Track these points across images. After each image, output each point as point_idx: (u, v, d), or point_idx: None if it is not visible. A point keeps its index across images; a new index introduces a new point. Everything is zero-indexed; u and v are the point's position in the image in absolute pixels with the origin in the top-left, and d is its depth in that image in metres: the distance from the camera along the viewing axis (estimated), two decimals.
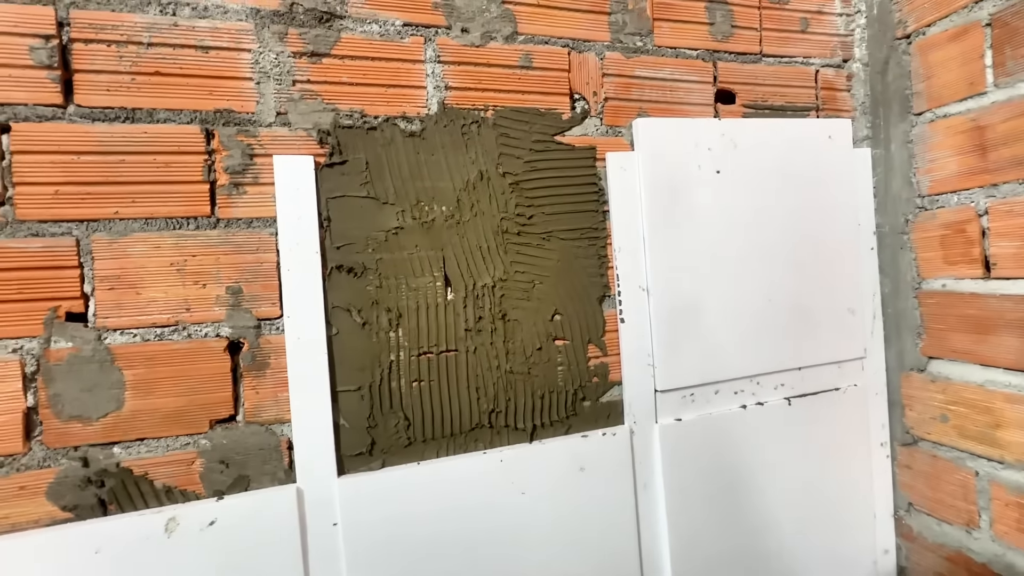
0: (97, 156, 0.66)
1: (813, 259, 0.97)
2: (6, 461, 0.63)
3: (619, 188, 0.86)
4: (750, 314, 0.92)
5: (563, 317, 0.84)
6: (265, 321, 0.72)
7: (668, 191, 0.87)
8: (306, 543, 0.71)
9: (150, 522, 0.66)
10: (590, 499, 0.83)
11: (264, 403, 0.71)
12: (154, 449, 0.68)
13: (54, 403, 0.65)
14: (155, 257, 0.68)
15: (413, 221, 0.77)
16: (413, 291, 0.77)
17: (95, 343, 0.66)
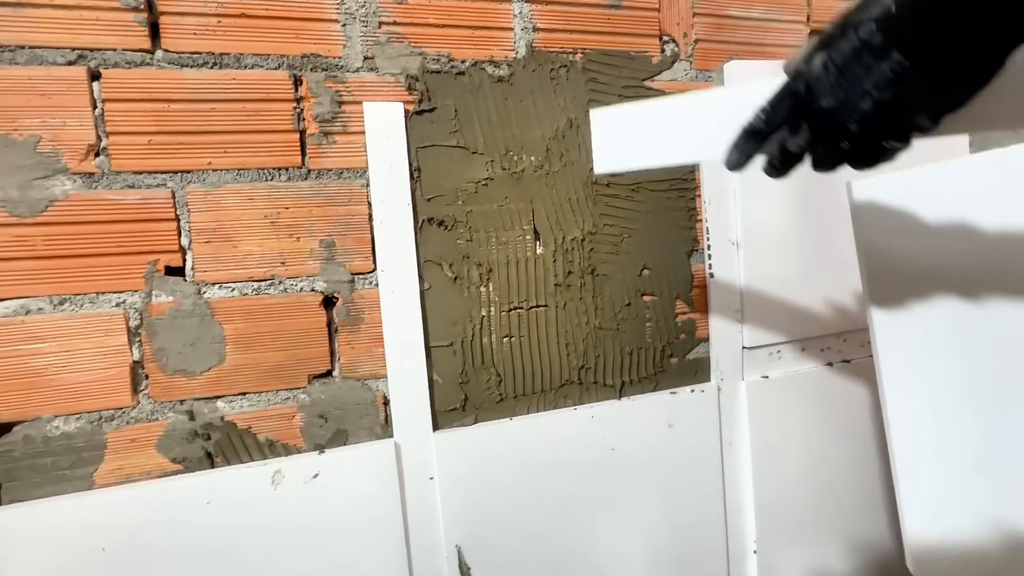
0: (187, 104, 0.64)
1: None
2: (116, 414, 0.64)
3: None
4: (840, 270, 0.89)
5: (651, 272, 0.81)
6: (358, 275, 0.70)
7: None
8: (404, 496, 0.72)
9: (257, 474, 0.66)
10: (677, 455, 0.82)
11: (359, 358, 0.71)
12: (256, 403, 0.68)
13: (159, 357, 0.64)
14: (249, 209, 0.66)
15: (503, 172, 0.74)
16: (503, 245, 0.75)
17: (195, 297, 0.65)
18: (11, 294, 0.60)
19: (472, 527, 0.74)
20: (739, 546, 0.87)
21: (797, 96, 0.35)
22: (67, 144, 0.61)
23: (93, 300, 0.62)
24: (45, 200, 0.60)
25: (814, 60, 0.33)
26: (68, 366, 0.62)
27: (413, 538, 0.72)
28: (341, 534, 0.69)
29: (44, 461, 0.62)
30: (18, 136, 0.59)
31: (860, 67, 0.30)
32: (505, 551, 0.75)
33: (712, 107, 0.45)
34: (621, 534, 0.80)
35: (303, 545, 0.67)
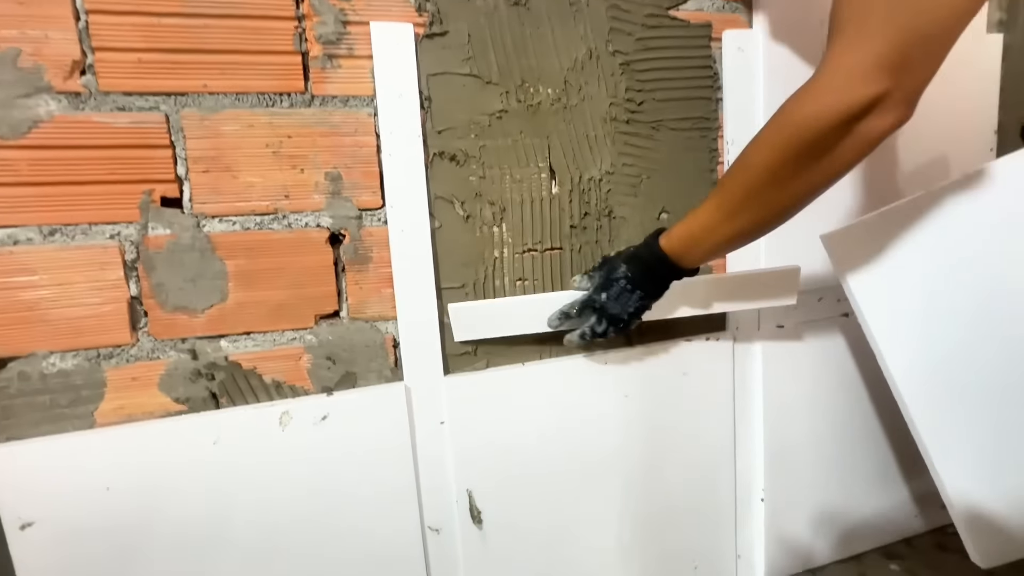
0: (179, 19, 0.58)
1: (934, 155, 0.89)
2: (115, 352, 0.61)
3: (734, 72, 0.77)
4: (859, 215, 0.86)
5: (670, 216, 0.78)
6: (366, 212, 0.67)
7: (788, 76, 0.79)
8: (415, 440, 0.70)
9: (265, 415, 0.64)
10: (690, 403, 0.81)
11: (368, 299, 0.68)
12: (261, 343, 0.65)
13: (158, 293, 0.61)
14: (249, 137, 0.62)
15: (518, 104, 0.70)
16: (517, 183, 0.71)
17: (194, 230, 0.62)
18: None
19: (483, 472, 0.73)
20: (747, 494, 0.87)
21: (594, 307, 0.66)
22: (50, 59, 0.56)
23: (86, 231, 0.59)
24: (28, 121, 0.56)
25: (601, 294, 0.65)
26: (62, 300, 0.59)
27: (423, 482, 0.71)
28: (350, 477, 0.67)
29: (41, 398, 0.59)
30: None
31: (624, 296, 0.63)
32: (516, 496, 0.75)
33: (540, 302, 0.70)
34: (633, 479, 0.80)
35: (312, 487, 0.66)
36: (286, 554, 0.66)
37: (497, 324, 0.71)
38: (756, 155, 0.50)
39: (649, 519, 0.82)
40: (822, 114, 0.44)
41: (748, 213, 0.53)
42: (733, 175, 0.53)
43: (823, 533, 0.92)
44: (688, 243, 0.58)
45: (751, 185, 0.51)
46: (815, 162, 0.47)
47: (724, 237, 0.56)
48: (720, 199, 0.54)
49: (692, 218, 0.58)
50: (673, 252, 0.60)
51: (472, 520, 0.73)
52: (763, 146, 0.49)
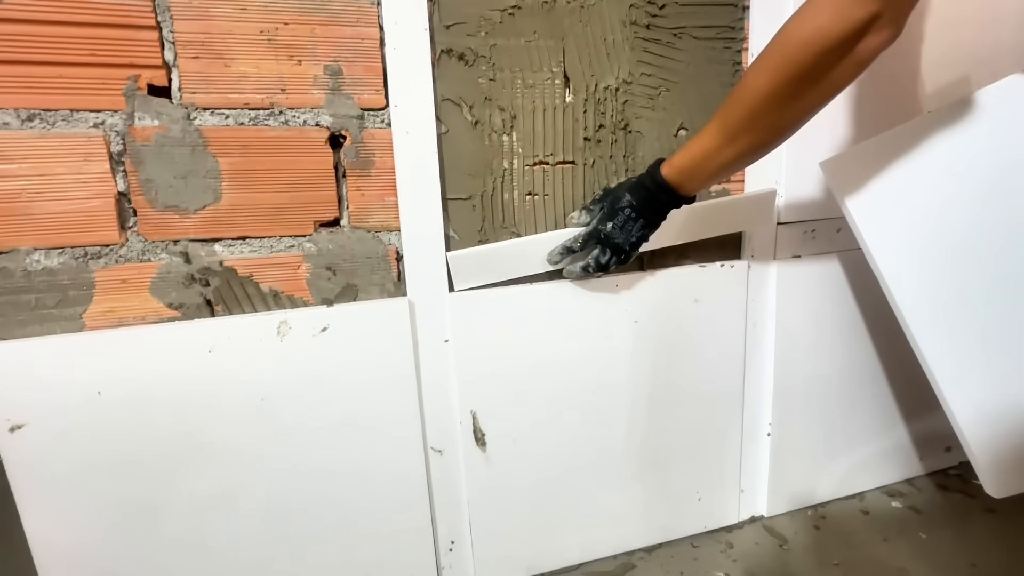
0: None
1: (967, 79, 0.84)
2: (103, 251, 0.58)
3: None
4: None
5: (689, 133, 0.74)
6: (368, 111, 0.62)
7: None
8: (418, 358, 0.68)
9: (262, 322, 0.62)
10: (702, 331, 0.79)
11: (370, 207, 0.64)
12: (257, 249, 0.62)
13: (147, 189, 0.58)
14: (242, 21, 0.57)
15: (532, 0, 0.65)
16: (529, 88, 0.67)
17: (184, 122, 0.57)
18: None
19: (488, 393, 0.71)
20: (753, 427, 0.86)
21: (599, 238, 0.65)
22: None
23: (67, 118, 0.55)
24: None
25: (607, 224, 0.64)
26: (44, 193, 0.55)
27: (427, 402, 0.69)
28: (351, 392, 0.65)
29: (27, 297, 0.56)
30: None
31: (628, 225, 0.63)
32: (521, 419, 0.73)
33: (541, 242, 0.69)
34: (639, 407, 0.78)
35: (311, 399, 0.64)
36: (282, 470, 0.65)
37: (497, 269, 0.69)
38: (758, 78, 0.51)
39: (655, 447, 0.81)
40: (821, 36, 0.47)
41: (749, 135, 0.54)
42: (735, 99, 0.54)
43: (826, 470, 0.92)
44: (690, 169, 0.59)
45: (754, 107, 0.52)
46: (815, 82, 0.50)
47: (726, 160, 0.57)
48: (721, 123, 0.56)
49: (693, 144, 0.58)
50: (674, 179, 0.60)
51: (475, 442, 0.72)
52: (764, 69, 0.51)
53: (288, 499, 0.66)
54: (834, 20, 0.46)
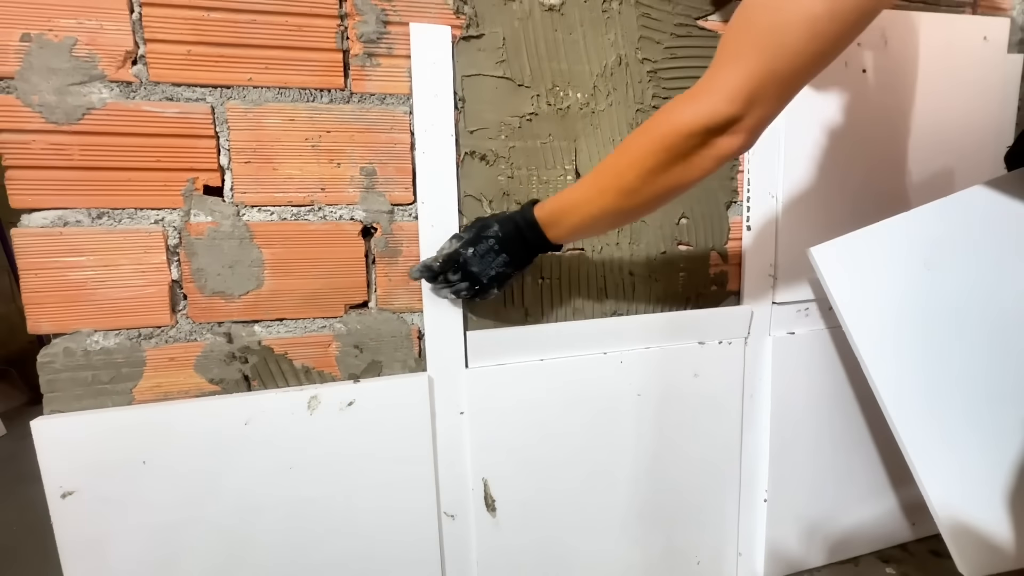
0: (228, 14, 0.61)
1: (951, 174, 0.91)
2: (155, 332, 0.64)
3: None
4: None
5: (689, 221, 0.80)
6: (398, 206, 0.69)
7: (810, 91, 0.80)
8: (435, 429, 0.73)
9: (294, 398, 0.67)
10: (700, 404, 0.84)
11: (396, 291, 0.70)
12: (293, 329, 0.68)
13: (197, 277, 0.64)
14: (290, 131, 0.64)
15: (548, 107, 0.72)
16: (543, 183, 0.74)
17: (234, 218, 0.64)
18: (49, 204, 0.59)
19: (499, 461, 0.76)
20: (751, 494, 0.90)
21: (458, 262, 0.65)
22: (104, 49, 0.58)
23: (132, 215, 0.61)
24: (82, 108, 0.58)
25: (468, 249, 0.64)
26: (107, 281, 0.61)
27: (442, 469, 0.74)
28: (373, 461, 0.70)
29: (84, 374, 0.62)
30: (54, 37, 0.57)
31: (489, 256, 0.64)
32: (529, 486, 0.77)
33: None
34: (641, 474, 0.82)
35: (335, 467, 0.69)
36: (310, 532, 0.69)
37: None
38: (632, 143, 0.54)
39: (656, 513, 0.85)
40: (689, 120, 0.49)
41: (612, 196, 0.56)
42: (610, 160, 0.57)
43: (821, 535, 0.95)
44: (558, 213, 0.61)
45: (620, 170, 0.55)
46: (672, 164, 0.52)
47: (589, 214, 0.59)
48: (594, 177, 0.58)
49: (567, 191, 0.61)
50: (543, 220, 0.62)
51: (486, 508, 0.76)
52: (640, 136, 0.54)
53: (308, 557, 0.70)
54: (704, 109, 0.49)
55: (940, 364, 0.74)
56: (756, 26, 0.47)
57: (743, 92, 0.47)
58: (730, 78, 0.48)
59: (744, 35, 0.47)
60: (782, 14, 0.45)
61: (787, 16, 0.45)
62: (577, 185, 0.61)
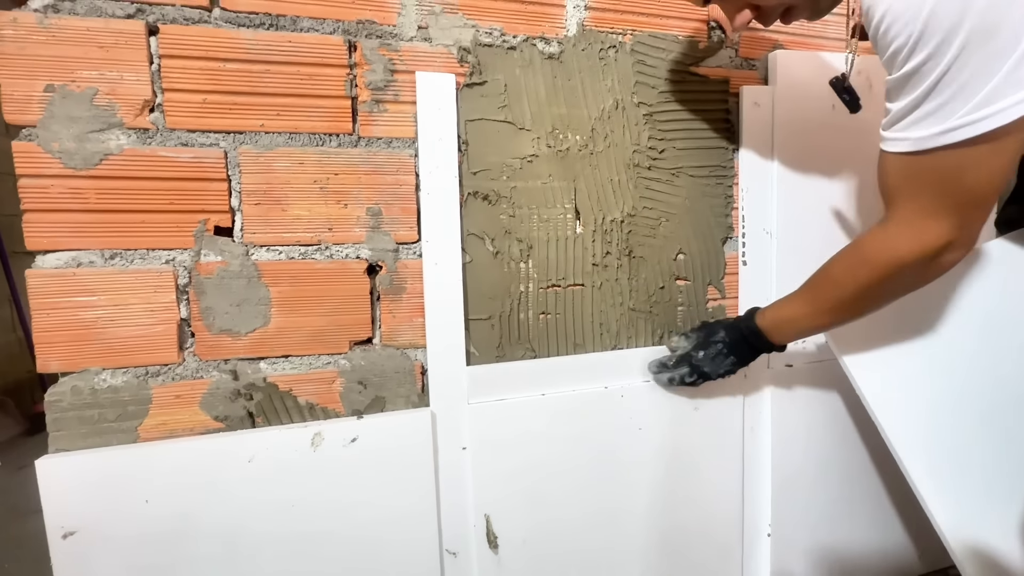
0: (242, 64, 0.64)
1: None
2: (163, 370, 0.65)
3: (751, 125, 0.82)
4: None
5: (686, 256, 0.82)
6: (403, 245, 0.71)
7: (801, 131, 0.84)
8: (437, 464, 0.73)
9: (298, 435, 0.67)
10: (701, 437, 0.84)
11: (400, 327, 0.72)
12: (298, 366, 0.69)
13: (206, 316, 0.65)
14: (299, 173, 0.66)
15: (548, 149, 0.75)
16: (544, 222, 0.76)
17: (243, 258, 0.66)
18: (64, 246, 0.61)
19: (501, 498, 0.76)
20: (754, 528, 0.89)
21: (690, 363, 0.76)
22: (123, 98, 0.61)
23: (144, 256, 0.63)
24: (100, 153, 0.60)
25: (699, 352, 0.75)
26: (117, 320, 0.62)
27: (444, 506, 0.74)
28: (375, 497, 0.70)
29: (91, 413, 0.63)
30: (76, 88, 0.59)
31: (719, 358, 0.74)
32: (532, 522, 0.77)
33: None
34: (644, 509, 0.82)
35: (338, 503, 0.69)
36: (311, 569, 0.69)
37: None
38: (845, 280, 0.60)
39: (660, 549, 0.84)
40: (899, 261, 0.54)
41: (835, 315, 0.65)
42: (823, 286, 0.64)
43: (827, 568, 0.94)
44: (781, 324, 0.70)
45: (840, 300, 0.62)
46: (897, 290, 0.59)
47: (810, 328, 0.69)
48: (810, 300, 0.66)
49: (786, 305, 0.69)
50: (766, 329, 0.71)
51: (488, 545, 0.76)
52: (850, 276, 0.60)
53: None
54: (911, 249, 0.53)
55: (945, 407, 0.74)
56: (953, 191, 0.49)
57: (947, 230, 0.51)
58: (943, 227, 0.51)
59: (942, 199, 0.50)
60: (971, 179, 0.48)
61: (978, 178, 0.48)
62: (796, 300, 0.68)
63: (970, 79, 0.43)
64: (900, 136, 0.50)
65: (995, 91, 0.43)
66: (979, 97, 0.44)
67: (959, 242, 0.52)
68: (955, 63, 0.43)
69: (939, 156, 0.48)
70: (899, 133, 0.50)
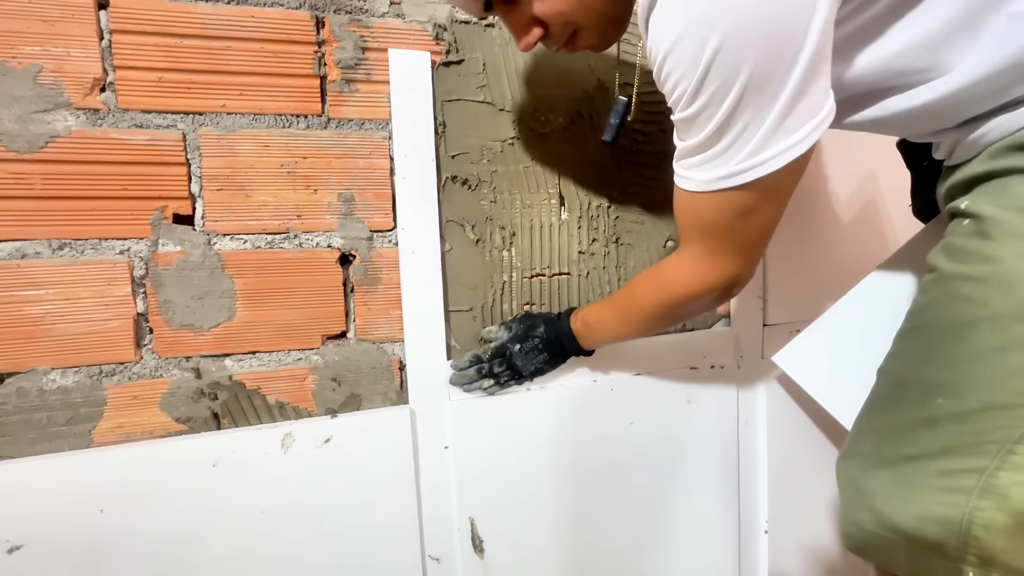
0: (201, 41, 0.60)
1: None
2: (118, 369, 0.60)
3: None
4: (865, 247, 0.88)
5: (676, 244, 0.79)
6: (377, 233, 0.67)
7: None
8: (418, 465, 0.69)
9: (267, 437, 0.63)
10: (694, 432, 0.81)
11: (376, 320, 0.68)
12: (266, 363, 0.64)
13: (164, 310, 0.61)
14: (264, 157, 0.62)
15: (529, 132, 0.71)
16: (527, 208, 0.72)
17: (204, 248, 0.61)
18: (6, 235, 0.56)
19: (486, 499, 0.72)
20: (751, 526, 0.86)
21: (504, 355, 0.70)
22: (71, 76, 0.56)
23: (95, 246, 0.58)
24: (45, 136, 0.56)
25: (515, 345, 0.70)
26: (67, 316, 0.58)
27: (426, 509, 0.69)
28: (352, 502, 0.66)
29: (39, 416, 0.58)
30: (17, 64, 0.55)
31: (533, 353, 0.70)
32: (519, 525, 0.73)
33: None
34: (635, 508, 0.78)
35: (312, 511, 0.64)
36: None
37: None
38: (646, 297, 0.62)
39: (654, 546, 0.80)
40: (690, 293, 0.57)
41: (635, 326, 0.66)
42: (627, 300, 0.65)
43: (824, 566, 0.91)
44: (590, 328, 0.69)
45: (640, 314, 0.64)
46: (690, 311, 0.63)
47: (615, 337, 0.69)
48: (616, 313, 0.66)
49: (594, 311, 0.69)
50: (577, 332, 0.69)
51: (474, 549, 0.72)
52: (647, 302, 0.62)
53: None
54: (701, 284, 0.56)
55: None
56: (736, 232, 0.51)
57: (740, 267, 0.54)
58: (729, 265, 0.54)
59: (727, 239, 0.52)
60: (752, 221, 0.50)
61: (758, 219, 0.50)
62: (604, 308, 0.68)
63: (746, 127, 0.44)
64: (687, 175, 0.51)
65: (766, 138, 0.44)
66: (752, 144, 0.45)
67: (743, 276, 0.56)
68: (734, 110, 0.44)
69: (721, 197, 0.49)
70: (686, 171, 0.51)
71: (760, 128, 0.44)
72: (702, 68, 0.43)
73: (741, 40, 0.41)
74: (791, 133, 0.44)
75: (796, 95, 0.43)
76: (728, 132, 0.45)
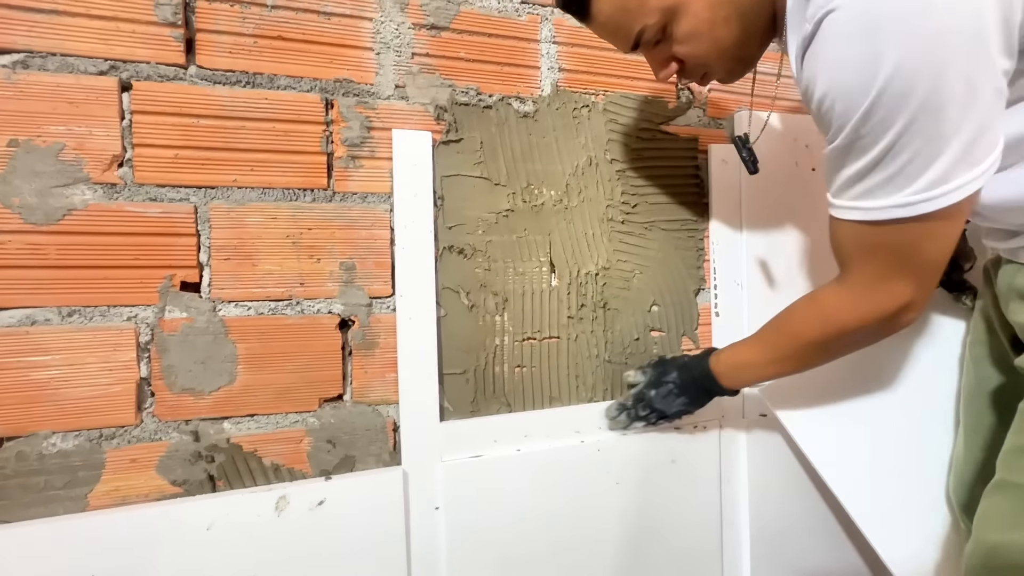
0: (217, 120, 0.63)
1: None
2: (118, 432, 0.61)
3: (719, 180, 0.85)
4: None
5: (660, 308, 0.83)
6: (376, 299, 0.70)
7: (766, 186, 0.87)
8: (409, 526, 0.70)
9: (261, 500, 0.64)
10: (679, 490, 0.83)
11: (372, 383, 0.70)
12: (264, 426, 0.66)
13: (167, 374, 0.63)
14: (271, 228, 0.66)
15: (523, 204, 0.76)
16: (519, 275, 0.76)
17: (210, 314, 0.64)
18: (17, 303, 0.58)
19: (476, 560, 0.73)
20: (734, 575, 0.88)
21: (643, 400, 0.75)
22: (91, 153, 0.60)
23: (104, 313, 0.61)
24: (63, 209, 0.59)
25: (651, 391, 0.74)
26: (71, 380, 0.59)
27: (415, 569, 0.70)
28: (344, 563, 0.67)
29: (37, 480, 0.59)
30: (41, 143, 0.58)
31: (670, 398, 0.73)
32: None
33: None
34: (622, 565, 0.80)
35: (303, 571, 0.65)
36: None
37: None
38: (803, 335, 0.62)
39: None
40: (859, 323, 0.57)
41: (790, 364, 0.66)
42: (781, 337, 0.65)
43: None
44: (733, 370, 0.70)
45: (798, 350, 0.64)
46: (859, 343, 0.61)
47: (765, 375, 0.69)
48: (766, 349, 0.66)
49: (740, 351, 0.69)
50: (719, 373, 0.70)
51: None
52: (809, 331, 0.61)
53: None
54: (871, 311, 0.55)
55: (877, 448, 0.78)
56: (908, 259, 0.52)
57: (914, 292, 0.54)
58: (902, 290, 0.53)
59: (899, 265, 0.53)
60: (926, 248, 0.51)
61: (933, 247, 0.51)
62: (751, 346, 0.68)
63: (917, 155, 0.46)
64: (850, 205, 0.52)
65: (950, 170, 0.46)
66: (933, 174, 0.46)
67: (917, 303, 0.55)
68: (902, 138, 0.45)
69: (894, 228, 0.50)
70: (849, 202, 0.52)
71: (937, 156, 0.45)
72: (872, 97, 0.44)
73: (913, 69, 0.43)
74: (976, 165, 0.46)
75: (982, 127, 0.45)
76: (898, 159, 0.46)
